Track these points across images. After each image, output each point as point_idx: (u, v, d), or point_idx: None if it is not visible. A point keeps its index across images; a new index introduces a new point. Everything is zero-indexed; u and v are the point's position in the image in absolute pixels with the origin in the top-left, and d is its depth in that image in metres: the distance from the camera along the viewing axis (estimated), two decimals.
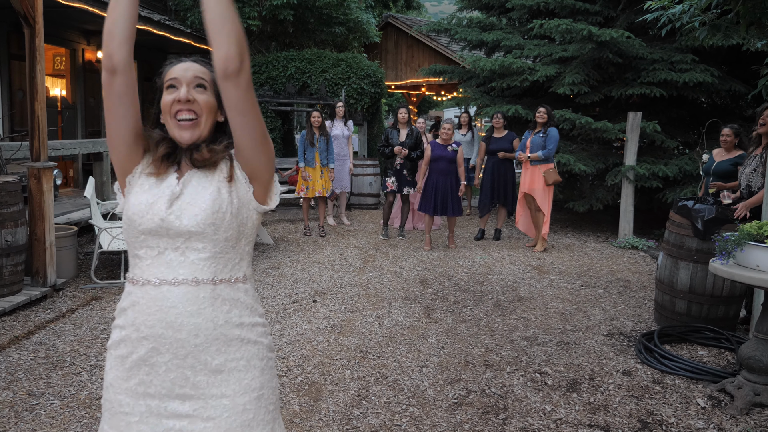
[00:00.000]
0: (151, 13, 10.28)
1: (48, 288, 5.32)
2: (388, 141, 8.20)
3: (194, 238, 1.60)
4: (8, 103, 8.47)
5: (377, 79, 12.02)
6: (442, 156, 7.55)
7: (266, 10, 11.46)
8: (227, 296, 1.66)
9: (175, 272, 1.61)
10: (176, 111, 1.63)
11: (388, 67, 19.35)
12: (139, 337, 1.60)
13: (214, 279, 1.64)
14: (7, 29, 8.37)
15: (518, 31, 10.96)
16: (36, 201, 5.21)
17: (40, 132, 5.18)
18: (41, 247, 5.27)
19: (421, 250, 7.73)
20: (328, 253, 7.47)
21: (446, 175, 7.61)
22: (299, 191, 8.34)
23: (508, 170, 8.42)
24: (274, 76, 11.77)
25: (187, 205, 1.62)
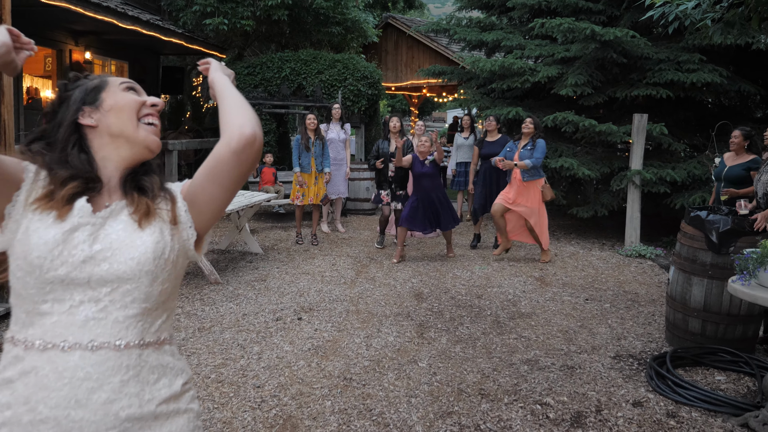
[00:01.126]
0: (140, 13, 9.91)
1: None
2: (378, 152, 7.80)
3: (123, 288, 1.27)
4: None
5: (375, 80, 11.62)
6: (423, 173, 7.01)
7: (260, 10, 11.08)
8: (155, 363, 1.33)
9: (92, 333, 1.25)
10: (146, 114, 1.41)
11: (388, 69, 18.98)
12: (34, 420, 1.22)
13: (142, 342, 1.30)
14: None
15: (519, 31, 10.56)
16: None
17: (7, 137, 4.79)
18: None
19: (417, 260, 7.33)
20: (320, 264, 7.08)
21: (431, 190, 7.03)
22: (294, 198, 7.94)
23: (501, 176, 7.92)
24: (268, 78, 11.39)
25: (121, 244, 1.28)
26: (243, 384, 3.78)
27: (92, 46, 10.28)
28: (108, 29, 9.35)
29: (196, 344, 4.44)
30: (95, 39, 10.23)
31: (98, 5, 7.88)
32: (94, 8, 7.80)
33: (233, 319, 5.02)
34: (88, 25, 9.13)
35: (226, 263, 7.01)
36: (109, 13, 8.15)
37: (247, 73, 11.51)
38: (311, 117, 7.82)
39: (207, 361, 4.12)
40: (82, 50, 10.02)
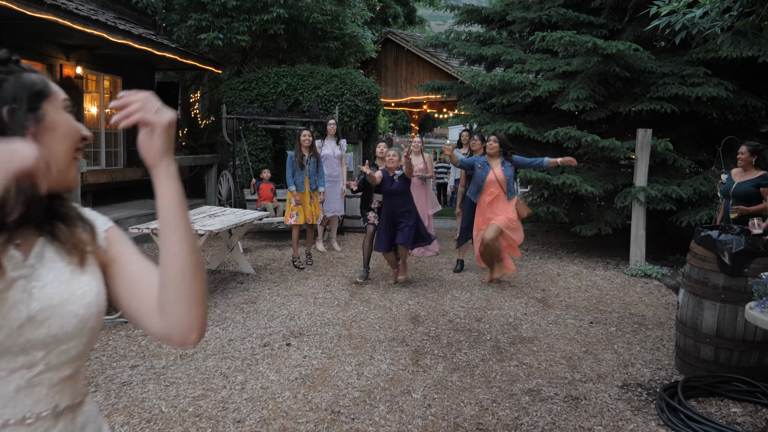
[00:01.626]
0: (133, 27, 9.76)
1: None
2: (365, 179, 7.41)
3: (60, 348, 1.05)
4: None
5: (372, 95, 11.44)
6: (393, 190, 6.57)
7: (256, 25, 10.92)
8: (85, 421, 1.13)
9: (23, 406, 1.03)
10: (79, 149, 1.14)
11: (388, 84, 18.86)
12: None
13: (74, 403, 1.10)
14: None
15: (519, 45, 10.40)
16: None
17: None
18: None
19: (415, 282, 7.08)
20: (313, 284, 6.83)
21: (400, 206, 6.58)
22: (288, 218, 7.70)
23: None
24: (264, 93, 11.21)
25: (60, 299, 1.06)
26: (222, 418, 3.52)
27: (84, 60, 10.12)
28: (100, 43, 9.18)
29: (176, 373, 4.18)
30: (87, 53, 10.07)
31: (87, 18, 7.71)
32: (83, 21, 7.63)
33: (218, 344, 4.77)
34: (79, 39, 8.96)
35: (216, 284, 6.77)
36: (99, 27, 7.98)
37: (242, 88, 11.33)
38: (306, 133, 7.62)
39: (186, 392, 3.86)
40: (74, 65, 9.86)
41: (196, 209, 7.23)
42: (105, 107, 11.33)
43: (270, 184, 9.58)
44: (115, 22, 8.75)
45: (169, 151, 1.08)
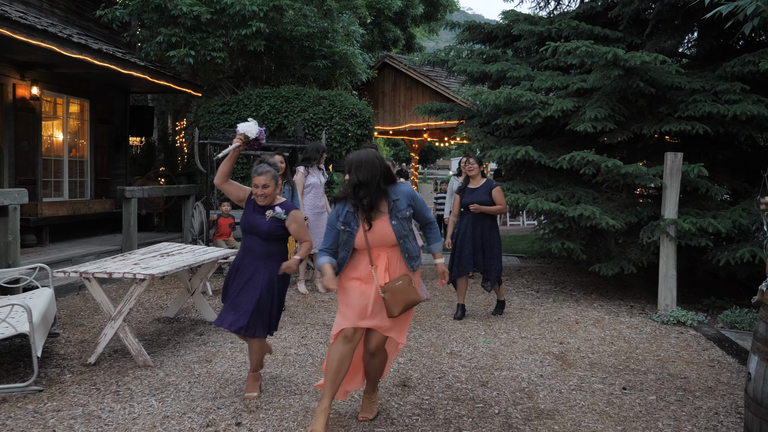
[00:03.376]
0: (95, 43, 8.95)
1: None
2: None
3: None
4: None
5: (365, 119, 10.60)
6: (256, 226, 4.11)
7: (233, 41, 10.13)
8: None
9: None
10: None
11: (386, 111, 18.13)
12: None
13: None
14: None
15: (526, 63, 9.57)
16: None
17: None
18: None
19: (408, 332, 6.07)
20: (286, 336, 5.85)
21: (258, 259, 4.15)
22: None
23: (491, 227, 6.71)
24: (245, 117, 10.37)
25: None
26: None
27: (41, 80, 9.30)
28: (58, 61, 8.38)
29: None
30: (45, 72, 9.27)
31: (32, 28, 6.88)
32: (27, 31, 6.79)
33: (148, 424, 3.78)
34: (33, 56, 8.16)
35: (170, 336, 5.79)
36: (48, 39, 7.16)
37: (221, 111, 10.52)
38: (279, 159, 6.72)
39: None
40: (29, 85, 9.03)
41: (150, 247, 6.29)
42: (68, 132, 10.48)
43: (229, 218, 8.64)
44: (69, 34, 7.93)
45: None
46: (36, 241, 9.22)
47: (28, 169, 9.32)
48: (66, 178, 10.47)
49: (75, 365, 4.90)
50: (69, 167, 10.54)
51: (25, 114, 9.11)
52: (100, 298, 4.91)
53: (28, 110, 9.14)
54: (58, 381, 4.53)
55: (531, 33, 9.36)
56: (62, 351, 5.28)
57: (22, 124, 9.03)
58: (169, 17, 9.96)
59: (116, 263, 5.18)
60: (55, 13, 9.59)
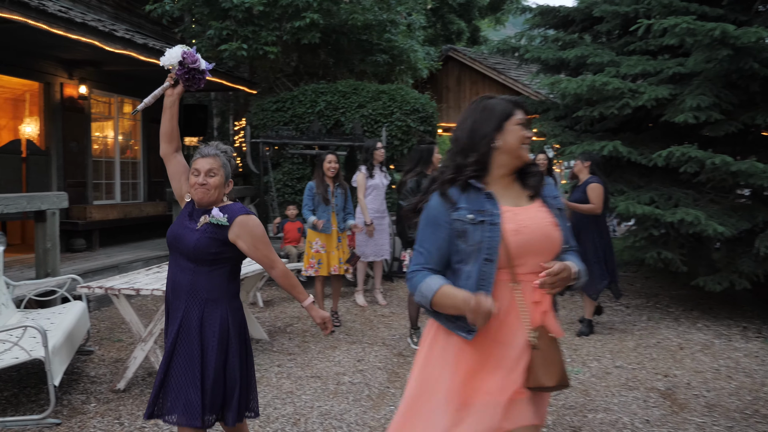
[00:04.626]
0: (144, 38, 8.56)
1: None
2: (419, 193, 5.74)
3: None
4: None
5: (428, 114, 9.87)
6: (180, 237, 2.68)
7: (287, 34, 9.58)
8: None
9: None
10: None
11: (450, 107, 17.35)
12: None
13: None
14: None
15: (608, 48, 8.63)
16: None
17: None
18: None
19: None
20: (341, 358, 5.20)
21: (185, 297, 2.68)
22: (308, 267, 6.14)
23: (601, 229, 5.95)
24: (300, 114, 9.82)
25: None
26: None
27: (90, 79, 9.00)
28: (103, 57, 8.03)
29: None
30: (94, 71, 8.96)
31: (71, 21, 6.48)
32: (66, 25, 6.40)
33: None
34: (78, 53, 7.83)
35: None
36: (87, 33, 6.75)
37: (275, 108, 10.00)
38: (331, 158, 6.07)
39: None
40: (77, 84, 8.73)
41: None
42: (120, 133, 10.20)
43: (297, 223, 8.07)
44: (113, 29, 7.53)
45: None
46: (86, 246, 8.93)
47: (78, 171, 9.03)
48: (118, 180, 10.19)
49: (103, 391, 4.39)
50: (121, 169, 10.26)
51: (74, 114, 8.83)
52: (129, 316, 4.38)
53: (76, 110, 8.86)
54: (81, 411, 4.01)
55: (614, 14, 8.40)
56: (93, 372, 4.79)
57: (71, 124, 8.74)
58: (220, 10, 9.52)
59: (148, 277, 4.65)
60: (104, 10, 9.29)
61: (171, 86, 2.73)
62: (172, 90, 2.74)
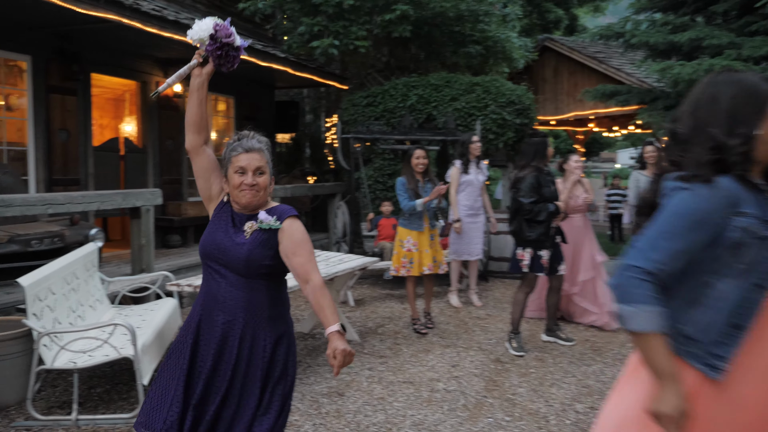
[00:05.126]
0: None
1: None
2: (539, 189, 5.24)
3: None
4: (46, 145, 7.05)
5: (525, 106, 9.46)
6: (226, 249, 2.29)
7: (377, 28, 9.42)
8: None
9: None
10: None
11: (547, 99, 16.72)
12: None
13: None
14: (46, 56, 7.02)
15: (727, 29, 7.93)
16: None
17: None
18: None
19: (585, 362, 4.95)
20: (434, 363, 4.96)
21: (238, 317, 2.29)
22: (399, 267, 5.93)
23: None
24: (391, 108, 9.65)
25: None
26: None
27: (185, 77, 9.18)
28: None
29: None
30: None
31: (163, 20, 6.58)
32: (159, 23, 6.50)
33: None
34: (172, 51, 7.98)
35: (301, 357, 5.11)
36: (179, 30, 6.83)
37: (366, 103, 9.89)
38: (419, 154, 5.83)
39: None
40: None
41: None
42: (213, 130, 10.39)
43: (392, 219, 7.88)
44: None
45: None
46: (181, 242, 9.13)
47: (173, 168, 9.26)
48: None
49: None
50: None
51: (169, 112, 9.04)
52: None
53: (171, 108, 9.07)
54: None
55: None
56: None
57: (167, 122, 8.96)
58: (310, 6, 9.49)
59: None
60: (197, 8, 9.47)
61: (199, 65, 2.36)
62: (200, 69, 2.36)
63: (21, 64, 6.82)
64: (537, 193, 5.11)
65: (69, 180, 7.29)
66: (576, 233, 5.94)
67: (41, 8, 5.75)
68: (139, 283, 5.38)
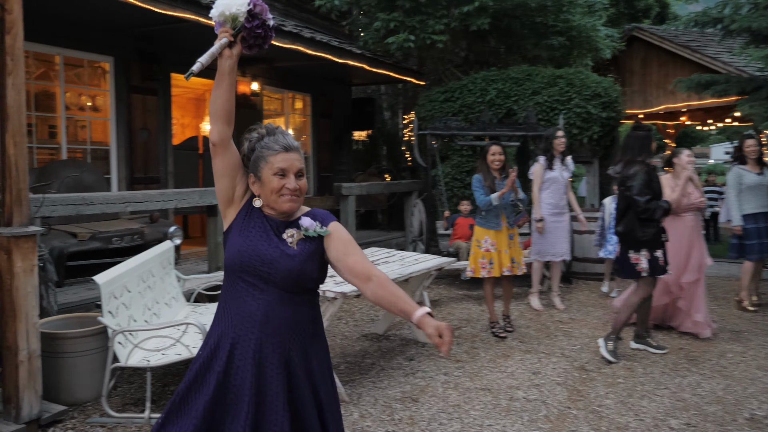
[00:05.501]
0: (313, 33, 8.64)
1: (21, 425, 3.43)
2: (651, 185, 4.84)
3: None
4: (128, 144, 7.25)
5: (611, 99, 9.02)
6: (273, 260, 2.03)
7: (455, 20, 9.20)
8: None
9: None
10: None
11: (635, 92, 15.99)
12: None
13: None
14: (127, 57, 7.21)
15: None
16: (6, 288, 3.39)
17: (13, 179, 3.37)
18: (12, 361, 3.42)
19: (679, 373, 4.60)
20: (514, 369, 4.73)
21: (283, 341, 2.06)
22: (476, 268, 5.72)
23: None
24: (469, 103, 9.41)
25: None
26: None
27: (262, 76, 9.28)
28: (272, 54, 8.20)
29: None
30: (266, 68, 9.22)
31: None
32: None
33: None
34: None
35: (374, 359, 5.01)
36: None
37: (443, 99, 9.69)
38: (495, 150, 5.60)
39: None
40: (249, 81, 9.04)
41: None
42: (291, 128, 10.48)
43: (469, 219, 7.67)
44: (281, 24, 7.64)
45: None
46: None
47: None
48: None
49: None
50: None
51: (247, 111, 9.14)
52: None
53: (249, 107, 9.18)
54: None
55: None
56: None
57: (244, 121, 8.99)
58: (387, 1, 9.39)
59: None
60: (274, 7, 9.53)
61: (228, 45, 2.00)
62: (230, 50, 2.00)
63: (104, 65, 7.06)
64: (650, 190, 4.77)
65: (149, 178, 7.48)
66: (688, 233, 5.56)
67: (122, 10, 5.89)
68: (215, 281, 5.41)
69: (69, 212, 4.60)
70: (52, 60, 6.67)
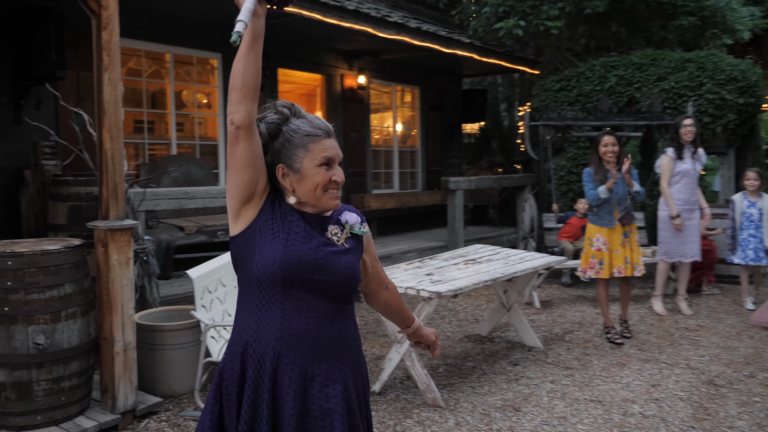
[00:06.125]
0: (421, 23, 8.46)
1: (117, 416, 3.50)
2: None
3: None
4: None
5: (750, 83, 8.19)
6: (325, 264, 1.70)
7: (570, 4, 8.69)
8: None
9: None
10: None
11: None
12: None
13: None
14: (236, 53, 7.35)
15: None
16: (103, 280, 3.47)
17: (109, 173, 3.44)
18: (108, 352, 3.49)
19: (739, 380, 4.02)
20: (630, 380, 4.33)
21: (332, 320, 1.74)
22: (586, 268, 5.33)
23: None
24: (586, 92, 8.88)
25: None
26: None
27: (369, 69, 9.23)
28: (378, 45, 8.13)
29: None
30: (372, 61, 9.15)
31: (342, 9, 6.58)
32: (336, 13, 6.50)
33: None
34: (355, 43, 8.02)
35: (476, 362, 4.76)
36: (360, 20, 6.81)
37: (558, 88, 9.21)
38: (607, 141, 5.16)
39: None
40: (356, 74, 9.00)
41: (457, 250, 5.39)
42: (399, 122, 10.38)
43: (584, 220, 7.20)
44: (385, 14, 7.52)
45: None
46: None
47: (357, 160, 9.35)
48: (396, 170, 10.38)
49: None
50: (399, 158, 10.43)
51: (353, 104, 9.14)
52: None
53: (356, 100, 9.15)
54: None
55: None
56: None
57: (351, 114, 9.07)
58: None
59: (406, 273, 4.35)
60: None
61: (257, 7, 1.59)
62: (262, 8, 1.63)
63: (212, 62, 7.24)
64: None
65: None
66: None
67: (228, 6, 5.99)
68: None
69: (172, 206, 4.70)
70: (162, 58, 6.92)
